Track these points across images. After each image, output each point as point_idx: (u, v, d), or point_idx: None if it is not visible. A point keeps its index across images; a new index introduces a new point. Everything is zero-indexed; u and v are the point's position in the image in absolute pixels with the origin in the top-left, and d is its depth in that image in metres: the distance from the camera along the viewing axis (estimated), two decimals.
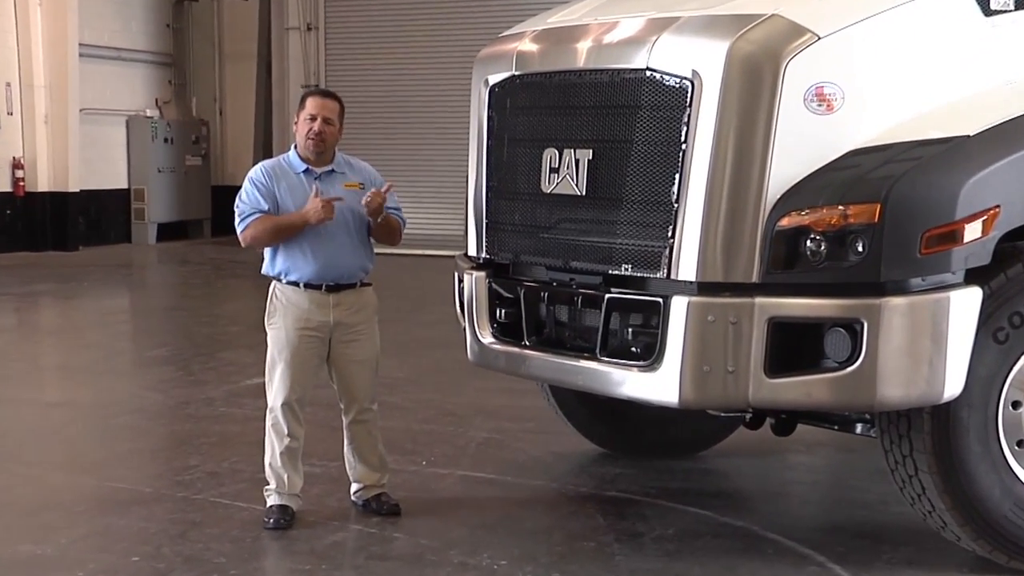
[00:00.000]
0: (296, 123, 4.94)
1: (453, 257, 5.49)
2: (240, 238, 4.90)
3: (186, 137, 18.70)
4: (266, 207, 4.83)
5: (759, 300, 4.07)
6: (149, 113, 18.38)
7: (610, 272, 4.43)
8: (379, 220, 4.89)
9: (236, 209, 4.87)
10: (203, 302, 12.55)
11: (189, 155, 18.72)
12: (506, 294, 4.91)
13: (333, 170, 4.95)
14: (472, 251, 5.13)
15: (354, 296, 4.93)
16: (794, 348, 4.07)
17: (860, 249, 3.99)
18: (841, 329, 4.00)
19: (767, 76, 4.12)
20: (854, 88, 4.16)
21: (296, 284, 4.86)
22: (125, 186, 18.08)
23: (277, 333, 4.89)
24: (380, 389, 5.22)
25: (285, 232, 4.82)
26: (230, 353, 9.01)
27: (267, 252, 4.94)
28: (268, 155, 17.28)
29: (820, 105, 4.13)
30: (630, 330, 4.39)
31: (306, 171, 4.91)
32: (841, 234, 4.01)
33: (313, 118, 4.86)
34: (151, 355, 9.24)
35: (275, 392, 4.90)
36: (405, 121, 17.08)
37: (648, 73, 4.31)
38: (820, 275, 4.05)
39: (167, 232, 18.31)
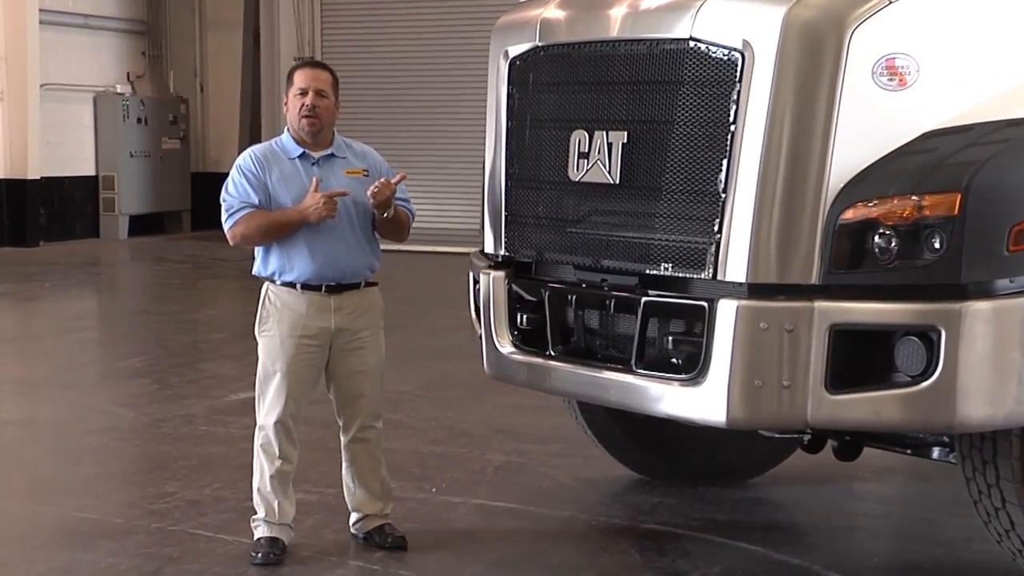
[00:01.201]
0: (286, 102, 4.96)
1: (467, 255, 5.50)
2: (228, 236, 4.91)
3: (162, 117, 18.78)
4: (257, 200, 4.85)
5: (819, 304, 4.06)
6: (120, 89, 18.46)
7: (647, 272, 4.43)
8: (386, 215, 4.89)
9: (222, 203, 4.89)
10: (182, 305, 12.60)
11: (166, 137, 18.80)
12: (528, 297, 4.91)
13: (333, 154, 4.97)
14: (489, 248, 5.14)
15: (358, 298, 4.94)
16: (860, 360, 4.07)
17: (937, 246, 3.98)
18: (915, 338, 3.98)
19: (829, 46, 4.11)
20: (931, 59, 4.14)
21: (292, 285, 4.88)
22: (92, 173, 18.17)
23: (270, 341, 4.90)
24: (384, 405, 5.23)
25: (280, 230, 4.83)
26: (212, 364, 9.05)
27: (258, 250, 4.96)
28: (256, 137, 17.38)
29: (891, 79, 4.12)
30: (670, 338, 4.38)
31: (302, 156, 4.93)
32: (915, 228, 4.00)
33: (304, 92, 4.88)
34: (122, 366, 9.29)
35: (267, 408, 4.92)
36: (413, 99, 17.10)
37: (692, 44, 4.31)
38: (890, 276, 4.04)
39: (141, 226, 18.40)
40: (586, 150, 4.61)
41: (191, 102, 19.41)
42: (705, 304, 4.22)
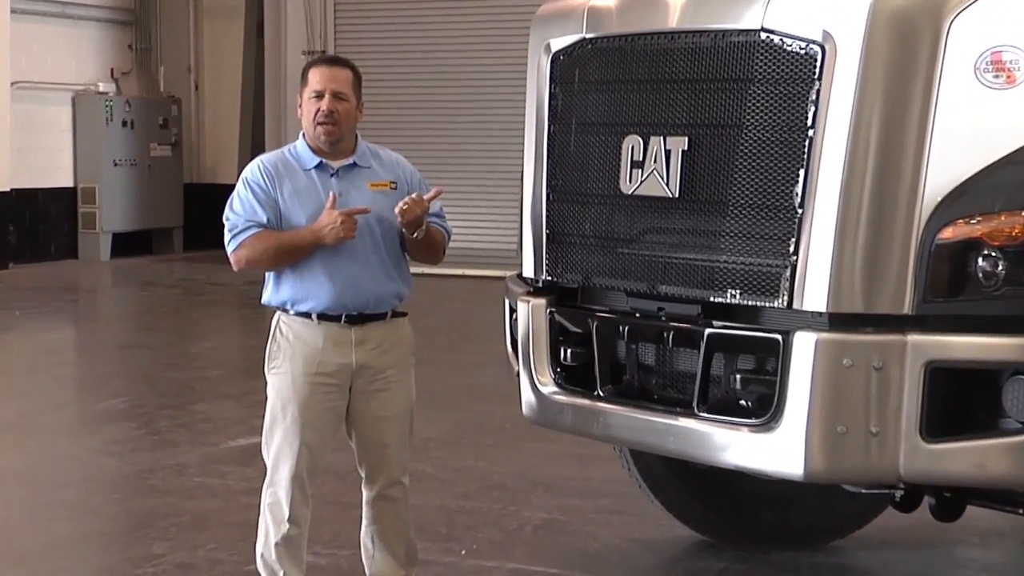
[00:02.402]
0: (300, 105, 4.96)
1: (503, 279, 5.52)
2: (231, 260, 4.90)
3: (151, 120, 18.92)
4: (265, 219, 4.83)
5: (913, 338, 4.06)
6: (103, 88, 18.61)
7: (712, 300, 4.44)
8: (416, 236, 4.87)
9: (225, 222, 4.87)
10: (172, 337, 12.68)
11: (155, 143, 18.94)
12: (573, 328, 4.93)
13: (355, 164, 4.95)
14: (528, 271, 5.16)
15: (383, 330, 4.93)
16: (961, 402, 4.06)
17: None
18: None
19: (924, 38, 4.12)
20: None
21: (307, 316, 4.86)
22: (70, 184, 18.32)
23: (282, 380, 4.89)
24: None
25: (291, 255, 4.81)
26: (207, 405, 9.09)
27: (269, 274, 4.95)
28: (258, 143, 17.49)
29: (997, 76, 4.12)
30: (738, 377, 4.39)
31: (319, 166, 4.92)
32: None
33: (319, 95, 4.88)
34: (103, 408, 9.34)
35: (278, 460, 4.88)
36: (440, 100, 17.15)
37: (763, 35, 4.33)
38: (996, 305, 4.04)
39: (125, 245, 18.52)
40: (640, 158, 4.63)
41: (184, 103, 19.55)
42: (779, 337, 4.22)
